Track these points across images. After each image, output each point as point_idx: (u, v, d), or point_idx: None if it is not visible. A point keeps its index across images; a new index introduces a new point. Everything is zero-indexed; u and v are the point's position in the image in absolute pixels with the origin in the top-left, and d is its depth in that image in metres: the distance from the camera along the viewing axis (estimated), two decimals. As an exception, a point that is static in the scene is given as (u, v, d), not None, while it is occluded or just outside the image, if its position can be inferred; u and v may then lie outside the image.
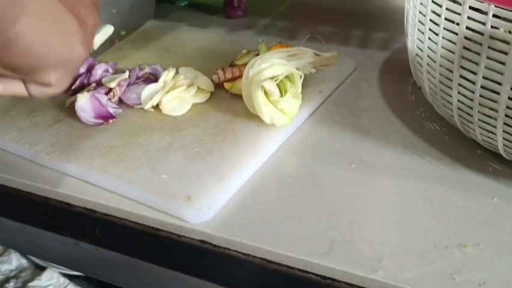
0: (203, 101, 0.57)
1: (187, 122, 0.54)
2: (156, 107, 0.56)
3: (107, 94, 0.55)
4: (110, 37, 0.63)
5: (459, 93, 0.45)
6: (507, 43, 0.39)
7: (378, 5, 0.82)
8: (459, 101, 0.45)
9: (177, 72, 0.59)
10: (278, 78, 0.50)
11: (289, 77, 0.52)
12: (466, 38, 0.41)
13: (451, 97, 0.46)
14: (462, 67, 0.43)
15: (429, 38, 0.46)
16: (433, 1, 0.44)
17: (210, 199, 0.44)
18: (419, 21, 0.47)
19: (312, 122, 0.55)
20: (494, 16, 0.39)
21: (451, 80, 0.45)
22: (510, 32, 0.39)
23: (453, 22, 0.42)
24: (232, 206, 0.45)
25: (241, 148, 0.50)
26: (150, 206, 0.45)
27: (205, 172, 0.47)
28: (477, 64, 0.41)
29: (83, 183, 0.48)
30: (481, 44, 0.40)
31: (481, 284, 0.37)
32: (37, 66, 0.39)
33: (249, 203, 0.45)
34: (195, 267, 0.46)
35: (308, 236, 0.41)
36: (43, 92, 0.42)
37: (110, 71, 0.59)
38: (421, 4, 0.46)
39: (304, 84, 0.53)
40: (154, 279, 0.50)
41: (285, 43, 0.61)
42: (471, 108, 0.44)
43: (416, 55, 0.50)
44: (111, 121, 0.54)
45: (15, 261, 1.09)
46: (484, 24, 0.40)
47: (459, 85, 0.44)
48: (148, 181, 0.46)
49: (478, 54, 0.41)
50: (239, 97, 0.55)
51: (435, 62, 0.46)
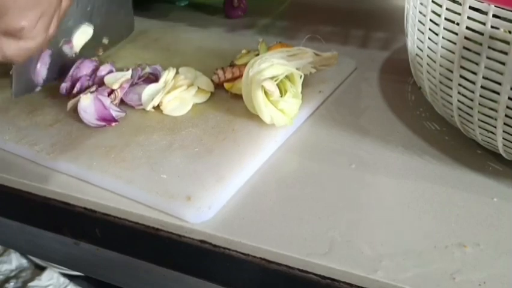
0: (203, 101, 0.57)
1: (187, 122, 0.54)
2: (157, 107, 0.56)
3: (109, 95, 0.55)
4: (92, 43, 0.63)
5: (459, 93, 0.45)
6: (507, 43, 0.39)
7: (378, 5, 0.82)
8: (459, 101, 0.45)
9: (177, 72, 0.59)
10: (278, 78, 0.50)
11: (289, 77, 0.52)
12: (466, 38, 0.41)
13: (451, 97, 0.46)
14: (462, 67, 0.43)
15: (429, 38, 0.46)
16: (433, 1, 0.44)
17: (210, 199, 0.44)
18: (419, 21, 0.47)
19: (312, 122, 0.55)
20: (494, 16, 0.39)
21: (451, 80, 0.45)
22: (510, 32, 0.39)
23: (453, 22, 0.42)
24: (232, 206, 0.45)
25: (241, 148, 0.50)
26: (150, 206, 0.45)
27: (205, 172, 0.47)
28: (477, 64, 0.41)
29: (83, 183, 0.48)
30: (481, 44, 0.40)
31: (481, 284, 0.37)
32: (3, 3, 0.35)
33: (249, 203, 0.45)
34: (195, 267, 0.46)
35: (308, 236, 0.41)
36: (18, 48, 0.38)
37: (113, 72, 0.59)
38: (421, 4, 0.46)
39: (304, 84, 0.53)
40: (154, 279, 0.50)
41: (285, 43, 0.61)
42: (471, 108, 0.44)
43: (416, 55, 0.50)
44: (114, 124, 0.53)
45: (15, 261, 1.09)
46: (484, 24, 0.40)
47: (459, 85, 0.44)
48: (148, 181, 0.46)
49: (478, 54, 0.41)
50: (239, 97, 0.55)
51: (435, 62, 0.46)
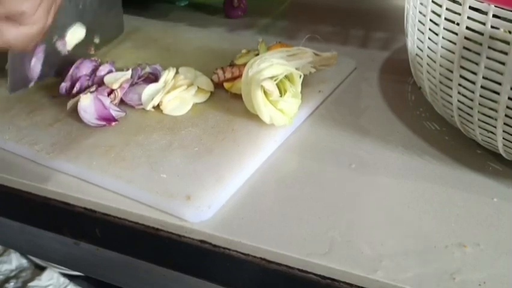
0: (203, 101, 0.57)
1: (187, 122, 0.54)
2: (156, 107, 0.56)
3: (109, 95, 0.55)
4: (84, 42, 0.63)
5: (459, 93, 0.45)
6: (507, 43, 0.39)
7: (378, 5, 0.82)
8: (459, 101, 0.45)
9: (177, 72, 0.59)
10: (278, 78, 0.50)
11: (288, 77, 0.52)
12: (466, 38, 0.41)
13: (451, 97, 0.46)
14: (462, 67, 0.43)
15: (429, 38, 0.46)
16: (433, 1, 0.44)
17: (210, 198, 0.44)
18: (419, 21, 0.47)
19: (312, 122, 0.55)
20: (494, 16, 0.39)
21: (451, 80, 0.45)
22: (510, 32, 0.39)
23: (453, 22, 0.42)
24: (231, 206, 0.45)
25: (240, 148, 0.50)
26: (150, 206, 0.45)
27: (204, 172, 0.47)
28: (477, 64, 0.41)
29: (83, 182, 0.48)
30: (481, 44, 0.40)
31: (481, 284, 0.37)
32: None
33: (249, 203, 0.45)
34: (195, 267, 0.46)
35: (308, 236, 0.41)
36: (18, 33, 0.38)
37: (113, 72, 0.58)
38: (421, 4, 0.46)
39: (303, 84, 0.53)
40: (154, 279, 0.50)
41: (285, 43, 0.61)
42: (471, 108, 0.44)
43: (416, 55, 0.50)
44: (114, 124, 0.53)
45: (15, 261, 1.08)
46: (484, 24, 0.40)
47: (459, 85, 0.44)
48: (148, 180, 0.46)
49: (478, 54, 0.41)
50: (239, 97, 0.55)
51: (435, 62, 0.46)
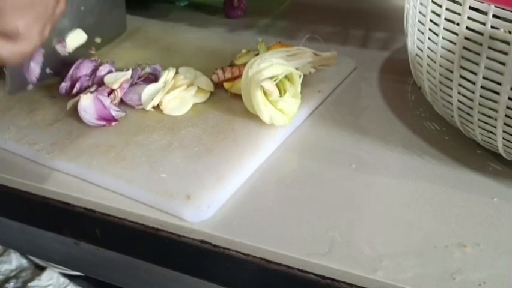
0: (203, 101, 0.57)
1: (187, 122, 0.54)
2: (156, 107, 0.56)
3: (109, 95, 0.55)
4: (85, 43, 0.63)
5: (459, 93, 0.45)
6: (507, 43, 0.39)
7: (378, 5, 0.82)
8: (459, 101, 0.45)
9: (177, 72, 0.59)
10: (277, 78, 0.50)
11: (288, 77, 0.52)
12: (466, 38, 0.41)
13: (451, 97, 0.46)
14: (462, 67, 0.43)
15: (429, 38, 0.46)
16: (433, 1, 0.44)
17: (210, 198, 0.44)
18: (419, 21, 0.47)
19: (312, 122, 0.55)
20: (494, 16, 0.39)
21: (451, 80, 0.45)
22: (510, 32, 0.39)
23: (453, 22, 0.42)
24: (231, 205, 0.45)
25: (240, 148, 0.50)
26: (150, 205, 0.45)
27: (204, 171, 0.47)
28: (477, 64, 0.41)
29: (83, 182, 0.48)
30: (481, 44, 0.40)
31: (481, 284, 0.37)
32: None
33: (249, 202, 0.45)
34: (195, 267, 0.46)
35: (308, 236, 0.41)
36: (12, 50, 0.37)
37: (113, 72, 0.59)
38: (421, 4, 0.46)
39: (303, 84, 0.53)
40: (154, 279, 0.50)
41: (285, 43, 0.61)
42: (471, 108, 0.44)
43: (416, 55, 0.50)
44: (114, 124, 0.53)
45: (15, 261, 1.08)
46: (484, 24, 0.40)
47: (459, 85, 0.44)
48: (148, 180, 0.46)
49: (478, 54, 0.41)
50: (238, 97, 0.55)
51: (435, 62, 0.46)
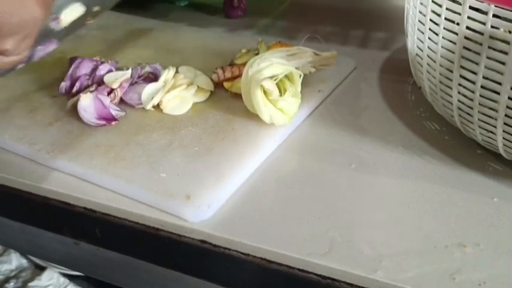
0: (203, 100, 0.57)
1: (187, 121, 0.54)
2: (156, 106, 0.56)
3: (108, 95, 0.55)
4: (82, 15, 0.60)
5: (459, 93, 0.45)
6: (507, 43, 0.39)
7: (378, 5, 0.82)
8: (459, 101, 0.45)
9: (177, 71, 0.59)
10: (277, 77, 0.50)
11: (288, 76, 0.52)
12: (466, 38, 0.41)
13: (451, 97, 0.46)
14: (462, 67, 0.43)
15: (429, 38, 0.46)
16: (433, 1, 0.44)
17: (210, 198, 0.44)
18: (419, 21, 0.47)
19: (312, 122, 0.55)
20: (494, 16, 0.39)
21: (451, 80, 0.45)
22: (510, 32, 0.39)
23: (453, 22, 0.42)
24: (231, 205, 0.45)
25: (240, 147, 0.50)
26: (150, 205, 0.45)
27: (204, 171, 0.47)
28: (477, 64, 0.41)
29: (83, 182, 0.48)
30: (481, 44, 0.40)
31: (481, 284, 0.37)
32: None
33: (249, 202, 0.45)
34: (195, 267, 0.46)
35: (308, 236, 0.41)
36: (2, 61, 0.38)
37: (113, 71, 0.58)
38: (421, 4, 0.46)
39: (303, 83, 0.53)
40: (154, 279, 0.50)
41: (285, 42, 0.61)
42: (471, 108, 0.44)
43: (416, 55, 0.50)
44: (114, 123, 0.53)
45: (15, 261, 1.08)
46: (484, 24, 0.40)
47: (459, 85, 0.44)
48: (148, 180, 0.46)
49: (478, 54, 0.41)
50: (238, 96, 0.55)
51: (435, 62, 0.46)
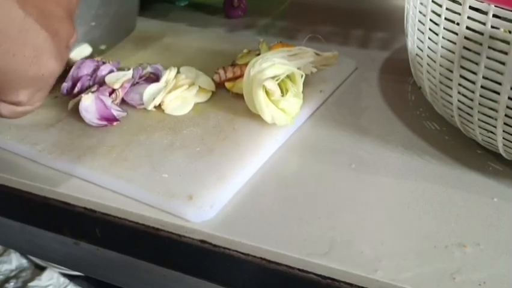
0: (204, 101, 0.57)
1: (188, 122, 0.54)
2: (158, 107, 0.56)
3: (110, 95, 0.55)
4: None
5: (459, 93, 0.45)
6: (507, 43, 0.39)
7: (378, 5, 0.82)
8: (459, 101, 0.45)
9: (178, 71, 0.59)
10: (279, 77, 0.50)
11: (290, 77, 0.52)
12: (466, 38, 0.42)
13: (451, 97, 0.46)
14: (462, 67, 0.43)
15: (429, 38, 0.46)
16: (433, 1, 0.44)
17: (212, 198, 0.44)
18: (419, 21, 0.47)
19: (313, 122, 0.55)
20: (494, 16, 0.39)
21: (451, 80, 0.45)
22: (510, 32, 0.39)
23: (453, 22, 0.43)
24: (233, 205, 0.45)
25: (242, 147, 0.50)
26: (151, 206, 0.45)
27: (206, 171, 0.47)
28: (477, 64, 0.41)
29: (84, 182, 0.48)
30: (481, 44, 0.40)
31: (481, 284, 0.37)
32: (3, 85, 0.35)
33: (250, 202, 0.45)
34: (195, 267, 0.46)
35: (308, 236, 0.41)
36: (13, 111, 0.38)
37: (114, 71, 0.59)
38: (421, 4, 0.46)
39: (305, 83, 0.53)
40: (154, 279, 0.50)
41: (286, 43, 0.61)
42: (471, 108, 0.44)
43: (416, 55, 0.50)
44: (115, 123, 0.53)
45: (15, 261, 1.08)
46: (484, 24, 0.40)
47: (459, 85, 0.44)
48: (149, 180, 0.46)
49: (478, 54, 0.41)
50: (240, 96, 0.55)
51: (435, 62, 0.46)
